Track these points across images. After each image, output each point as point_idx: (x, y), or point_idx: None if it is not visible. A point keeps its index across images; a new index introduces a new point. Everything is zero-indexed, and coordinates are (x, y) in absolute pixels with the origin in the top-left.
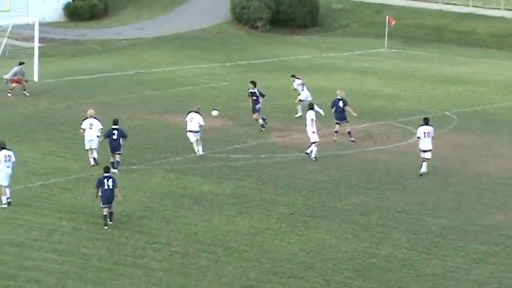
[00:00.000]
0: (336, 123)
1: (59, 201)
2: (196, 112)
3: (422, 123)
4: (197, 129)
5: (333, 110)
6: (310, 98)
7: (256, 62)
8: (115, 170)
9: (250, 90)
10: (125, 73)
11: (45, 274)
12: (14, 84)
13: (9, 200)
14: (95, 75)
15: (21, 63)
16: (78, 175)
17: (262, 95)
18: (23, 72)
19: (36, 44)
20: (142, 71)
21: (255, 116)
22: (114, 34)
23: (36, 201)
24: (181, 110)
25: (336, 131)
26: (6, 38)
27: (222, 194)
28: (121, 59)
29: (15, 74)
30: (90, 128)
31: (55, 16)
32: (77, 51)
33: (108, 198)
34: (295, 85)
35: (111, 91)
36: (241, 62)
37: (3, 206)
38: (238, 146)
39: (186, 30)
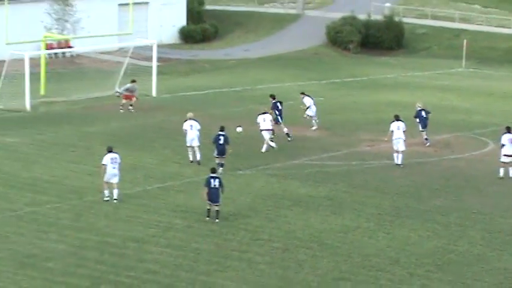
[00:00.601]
0: (421, 131)
1: (174, 201)
2: (265, 113)
3: (505, 131)
4: (271, 127)
5: (418, 120)
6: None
7: (348, 80)
8: (220, 170)
9: (274, 102)
10: (232, 89)
11: (161, 266)
12: (124, 100)
13: (116, 198)
14: (206, 91)
15: (133, 81)
16: (191, 179)
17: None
18: (135, 88)
19: (154, 63)
20: (248, 87)
21: (281, 126)
22: (223, 55)
23: (154, 201)
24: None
25: (426, 138)
26: (128, 58)
27: (317, 196)
28: (229, 77)
29: (127, 90)
30: (191, 129)
31: (171, 38)
32: (190, 69)
33: (214, 196)
34: (304, 102)
35: (220, 105)
36: (335, 80)
37: (114, 201)
38: (332, 154)
39: (287, 51)
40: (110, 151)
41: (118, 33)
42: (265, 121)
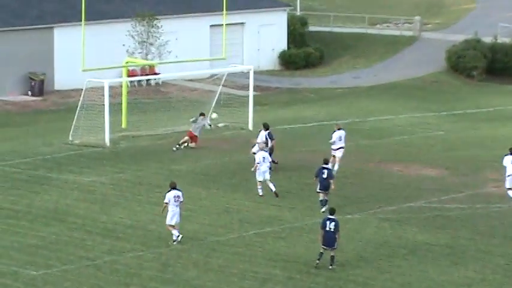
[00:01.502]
0: None
1: (273, 250)
2: (341, 129)
3: None
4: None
5: None
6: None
7: (471, 111)
8: (323, 209)
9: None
10: (339, 122)
11: None
12: (188, 138)
13: (179, 237)
14: (310, 124)
15: (202, 114)
16: (292, 224)
17: (272, 138)
18: (200, 125)
19: (251, 92)
20: (357, 119)
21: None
22: (329, 82)
23: (250, 249)
24: (397, 159)
25: None
26: (221, 86)
27: (436, 244)
28: (336, 108)
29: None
30: (264, 161)
31: (270, 64)
32: (292, 99)
33: (329, 240)
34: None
35: (325, 139)
36: (457, 112)
37: (173, 242)
38: (453, 195)
39: (402, 78)
40: (174, 188)
41: (210, 58)
42: (341, 140)
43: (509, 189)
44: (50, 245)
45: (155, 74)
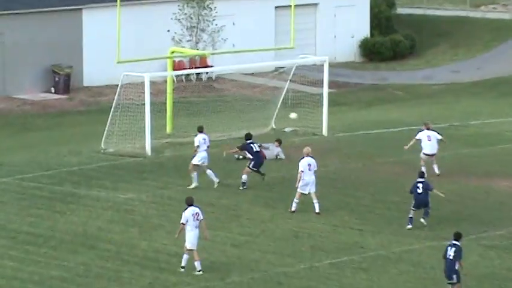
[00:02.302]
0: None
1: (352, 284)
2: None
3: None
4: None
5: None
6: None
7: None
8: (422, 220)
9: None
10: (435, 125)
11: None
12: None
13: (200, 271)
14: (398, 128)
15: (278, 141)
16: (377, 252)
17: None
18: (274, 152)
19: (325, 90)
20: (457, 123)
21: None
22: (422, 78)
23: (324, 283)
24: (506, 172)
25: None
26: (288, 82)
27: None
28: (430, 109)
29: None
30: (309, 170)
31: (349, 55)
32: (376, 98)
33: (448, 271)
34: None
35: (417, 148)
36: None
37: (197, 272)
38: None
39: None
40: (190, 204)
41: (275, 48)
42: (430, 140)
43: None
44: (77, 278)
45: (207, 66)
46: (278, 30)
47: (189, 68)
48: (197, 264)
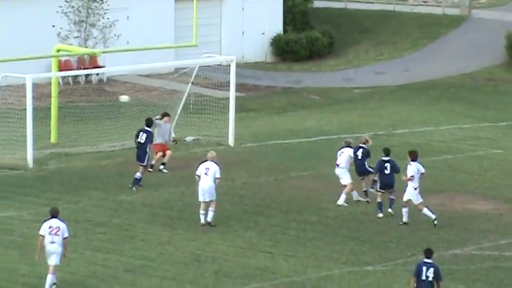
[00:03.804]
0: None
1: None
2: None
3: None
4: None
5: None
6: None
7: None
8: (390, 210)
9: None
10: (356, 135)
11: None
12: (158, 154)
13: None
14: (314, 138)
15: (165, 115)
16: (290, 278)
17: None
18: (165, 130)
19: (231, 94)
20: (381, 132)
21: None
22: (341, 80)
23: None
24: (437, 188)
25: None
26: (190, 85)
27: None
28: (351, 116)
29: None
30: (206, 174)
31: (259, 54)
32: (290, 103)
33: None
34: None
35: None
36: None
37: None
38: None
39: (444, 75)
40: (54, 216)
41: (175, 45)
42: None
43: None
44: None
45: (98, 67)
46: (178, 25)
47: (77, 69)
48: (50, 277)
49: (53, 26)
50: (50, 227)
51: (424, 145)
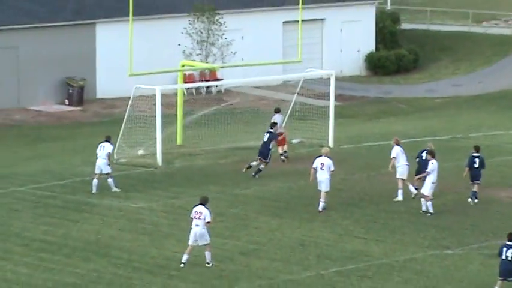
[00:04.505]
0: None
1: None
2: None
3: None
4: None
5: None
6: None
7: None
8: (470, 200)
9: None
10: (437, 138)
11: None
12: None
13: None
14: (402, 140)
15: (277, 111)
16: (381, 260)
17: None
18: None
19: (331, 103)
20: (459, 135)
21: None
22: (425, 91)
23: None
24: (506, 183)
25: None
26: (295, 95)
27: None
28: (433, 121)
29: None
30: (321, 168)
31: (354, 69)
32: (380, 111)
33: (504, 271)
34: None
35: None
36: None
37: (207, 265)
38: None
39: None
40: (202, 203)
41: (282, 61)
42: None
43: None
44: (90, 284)
45: (217, 79)
46: (286, 44)
47: (199, 81)
48: (207, 255)
49: (179, 44)
50: (195, 212)
51: (495, 146)
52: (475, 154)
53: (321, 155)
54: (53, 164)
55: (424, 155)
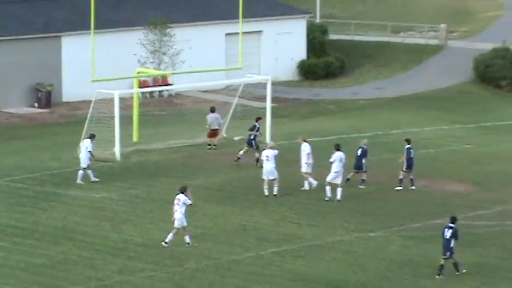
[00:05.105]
0: None
1: (292, 269)
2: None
3: None
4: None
5: None
6: None
7: (500, 123)
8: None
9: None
10: (361, 134)
11: None
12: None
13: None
14: (330, 137)
15: (212, 110)
16: (312, 242)
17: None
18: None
19: (268, 104)
20: (380, 132)
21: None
22: (350, 94)
23: (268, 269)
24: (422, 174)
25: None
26: (237, 98)
27: (464, 264)
28: (357, 120)
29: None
30: (267, 160)
31: (288, 75)
32: (311, 111)
33: (444, 248)
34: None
35: (346, 154)
36: (485, 124)
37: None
38: (481, 212)
39: (427, 89)
40: (181, 192)
41: (225, 68)
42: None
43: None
44: (57, 265)
45: (168, 84)
46: (228, 53)
47: (153, 86)
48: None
49: (135, 54)
50: (176, 199)
51: (413, 142)
52: (408, 146)
53: (266, 148)
54: (24, 160)
55: (359, 152)
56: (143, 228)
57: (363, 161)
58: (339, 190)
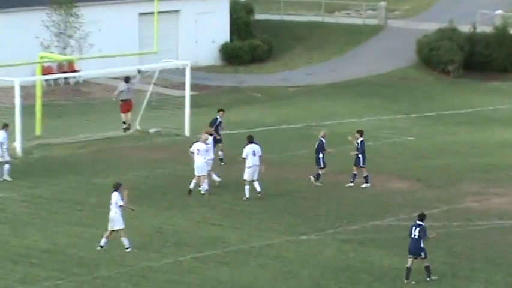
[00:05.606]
0: None
1: (215, 277)
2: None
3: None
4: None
5: None
6: None
7: (446, 112)
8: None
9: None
10: (291, 126)
11: None
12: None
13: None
14: (256, 129)
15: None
16: (238, 246)
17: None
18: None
19: (187, 92)
20: (312, 123)
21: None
22: (279, 80)
23: (188, 276)
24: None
25: None
26: (152, 85)
27: (402, 269)
28: (287, 110)
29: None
30: (198, 154)
31: (210, 59)
32: (235, 100)
33: (412, 247)
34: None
35: (275, 147)
36: (429, 113)
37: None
38: (426, 211)
39: (364, 75)
40: (115, 189)
41: (139, 53)
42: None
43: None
44: None
45: (75, 71)
46: (142, 35)
47: (58, 73)
48: (125, 241)
49: (37, 37)
50: (111, 199)
51: (349, 134)
52: (361, 139)
53: (197, 141)
54: None
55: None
56: (48, 232)
57: (320, 155)
58: (257, 183)
